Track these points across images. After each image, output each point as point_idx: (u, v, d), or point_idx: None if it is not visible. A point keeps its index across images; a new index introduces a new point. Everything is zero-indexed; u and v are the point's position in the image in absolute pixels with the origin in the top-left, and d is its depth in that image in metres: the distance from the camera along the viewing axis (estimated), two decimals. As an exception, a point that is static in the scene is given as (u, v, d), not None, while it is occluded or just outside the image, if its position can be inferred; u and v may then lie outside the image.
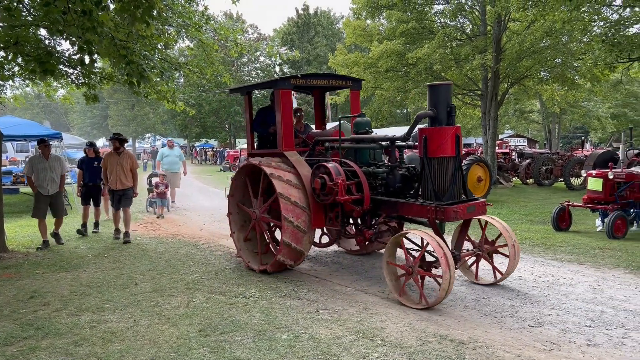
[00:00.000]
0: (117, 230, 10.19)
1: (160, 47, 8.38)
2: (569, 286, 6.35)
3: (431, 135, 5.69)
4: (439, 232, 5.84)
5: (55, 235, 9.72)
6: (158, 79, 9.42)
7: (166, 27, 8.81)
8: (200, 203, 16.50)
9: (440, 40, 18.41)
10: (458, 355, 4.35)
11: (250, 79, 56.22)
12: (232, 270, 7.52)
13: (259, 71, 56.12)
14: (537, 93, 23.64)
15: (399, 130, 22.65)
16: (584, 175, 11.70)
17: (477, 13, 19.86)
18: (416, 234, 5.72)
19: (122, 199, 10.00)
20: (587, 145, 31.11)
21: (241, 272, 7.40)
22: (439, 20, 20.73)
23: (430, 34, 19.56)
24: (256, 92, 41.43)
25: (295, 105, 9.14)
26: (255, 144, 8.23)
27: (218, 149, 50.51)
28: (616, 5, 12.62)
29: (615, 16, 12.78)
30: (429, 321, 5.19)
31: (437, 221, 5.75)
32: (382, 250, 8.08)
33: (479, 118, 23.81)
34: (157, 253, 8.80)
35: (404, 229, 6.99)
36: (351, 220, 7.42)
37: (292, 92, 7.90)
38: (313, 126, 8.94)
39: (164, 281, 6.95)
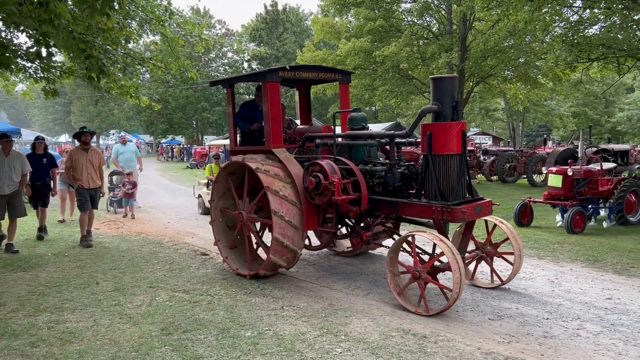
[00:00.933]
0: (88, 233, 9.31)
1: (122, 41, 8.17)
2: (529, 280, 6.51)
3: (436, 131, 5.36)
4: (445, 234, 5.50)
5: (8, 246, 8.82)
6: (120, 74, 9.22)
7: (128, 20, 8.63)
8: (165, 201, 16.26)
9: (407, 39, 18.58)
10: (420, 348, 4.41)
11: (218, 75, 55.70)
12: (197, 268, 7.44)
13: (227, 67, 55.65)
14: (501, 91, 24.14)
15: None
16: (545, 172, 11.99)
17: (443, 12, 20.13)
18: (427, 237, 5.25)
19: (93, 199, 9.36)
20: (550, 143, 31.95)
21: (206, 270, 7.32)
22: (406, 19, 20.93)
23: (397, 32, 19.74)
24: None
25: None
26: (238, 141, 7.73)
27: (185, 146, 49.86)
28: (576, 7, 12.97)
29: (575, 17, 13.15)
30: (392, 316, 5.24)
31: (443, 222, 5.43)
32: (373, 251, 8.14)
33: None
34: (120, 251, 8.63)
35: (400, 229, 6.98)
36: (345, 221, 7.13)
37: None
38: (297, 122, 8.63)
39: (126, 280, 6.82)
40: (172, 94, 49.27)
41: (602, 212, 10.51)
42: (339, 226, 6.75)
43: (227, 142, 13.06)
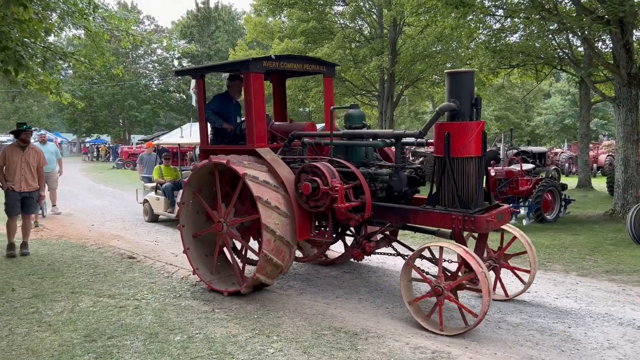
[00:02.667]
0: (24, 244, 8.37)
1: (41, 34, 7.71)
2: (455, 276, 6.76)
3: (455, 131, 4.86)
4: (466, 245, 5.04)
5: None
6: (40, 69, 8.71)
7: (48, 12, 8.17)
8: (89, 202, 15.53)
9: (340, 41, 18.82)
10: (351, 346, 4.47)
11: (147, 71, 53.93)
12: (123, 272, 7.15)
13: (156, 64, 54.00)
14: (429, 95, 24.97)
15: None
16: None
17: (374, 16, 20.55)
18: (454, 250, 4.74)
19: (27, 203, 8.32)
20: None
21: (133, 273, 7.06)
22: (338, 22, 21.19)
23: (330, 35, 19.94)
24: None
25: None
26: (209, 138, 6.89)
27: (111, 145, 47.88)
28: (498, 16, 13.62)
29: (497, 25, 13.80)
30: (324, 315, 5.28)
31: (465, 232, 5.00)
32: (354, 260, 7.45)
33: (376, 118, 24.64)
34: (39, 256, 8.15)
35: (399, 236, 6.56)
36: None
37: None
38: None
39: (45, 286, 6.44)
40: (97, 91, 47.17)
41: (522, 211, 11.12)
42: (335, 235, 6.16)
43: (182, 140, 12.25)
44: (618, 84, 11.25)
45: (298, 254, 7.17)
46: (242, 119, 6.76)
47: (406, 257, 5.46)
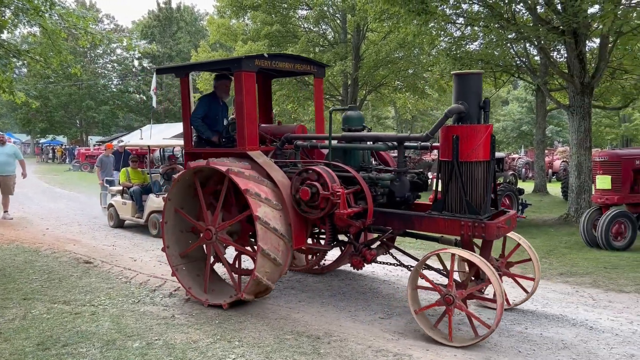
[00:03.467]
0: None
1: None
2: (416, 279, 6.83)
3: (464, 134, 4.70)
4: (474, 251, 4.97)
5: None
6: (-9, 66, 8.39)
7: (1, 8, 7.86)
8: (44, 205, 15.01)
9: (304, 45, 18.85)
10: (314, 350, 4.46)
11: (106, 71, 52.67)
12: (79, 277, 6.93)
13: (115, 64, 52.79)
14: (392, 100, 25.29)
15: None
16: (431, 177, 12.70)
17: (338, 21, 20.69)
18: (465, 257, 4.65)
19: None
20: (435, 151, 33.93)
21: (89, 279, 6.85)
22: (302, 25, 21.23)
23: (294, 38, 19.96)
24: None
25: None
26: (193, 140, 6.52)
27: (67, 147, 46.45)
28: (459, 24, 13.92)
29: (458, 33, 14.11)
30: (287, 319, 5.25)
31: (474, 239, 4.86)
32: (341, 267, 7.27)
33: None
34: (-11, 261, 7.81)
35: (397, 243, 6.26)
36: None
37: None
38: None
39: (-4, 292, 6.18)
40: (53, 91, 45.71)
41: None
42: (333, 243, 5.87)
43: (151, 142, 11.88)
44: (572, 93, 11.67)
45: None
46: (228, 120, 6.55)
47: (410, 267, 5.38)
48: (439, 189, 5.12)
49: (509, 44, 12.85)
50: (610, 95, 16.10)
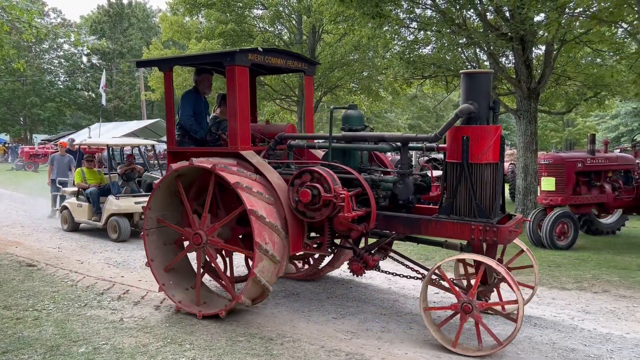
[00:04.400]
0: None
1: None
2: (369, 279, 6.90)
3: (475, 135, 4.57)
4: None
5: None
6: None
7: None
8: (-16, 206, 14.30)
9: (259, 45, 18.71)
10: (266, 351, 4.43)
11: (52, 67, 50.73)
12: (21, 281, 6.64)
13: (62, 60, 50.90)
14: (347, 102, 25.48)
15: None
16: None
17: (293, 22, 20.67)
18: (488, 264, 4.47)
19: None
20: (389, 153, 34.51)
21: (32, 282, 6.57)
22: (258, 25, 21.10)
23: (249, 38, 19.80)
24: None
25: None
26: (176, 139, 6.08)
27: (10, 145, 44.41)
28: (412, 28, 14.17)
29: (411, 37, 14.36)
30: (239, 321, 5.19)
31: (485, 244, 4.74)
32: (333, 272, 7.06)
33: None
34: None
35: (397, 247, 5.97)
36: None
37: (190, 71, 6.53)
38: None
39: None
40: (-5, 86, 43.64)
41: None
42: (332, 249, 5.64)
43: (117, 141, 11.54)
44: (519, 97, 12.08)
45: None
46: (210, 117, 6.34)
47: (418, 277, 5.31)
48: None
49: (460, 49, 13.19)
50: (555, 100, 16.77)
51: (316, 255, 6.63)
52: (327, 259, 6.71)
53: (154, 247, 5.70)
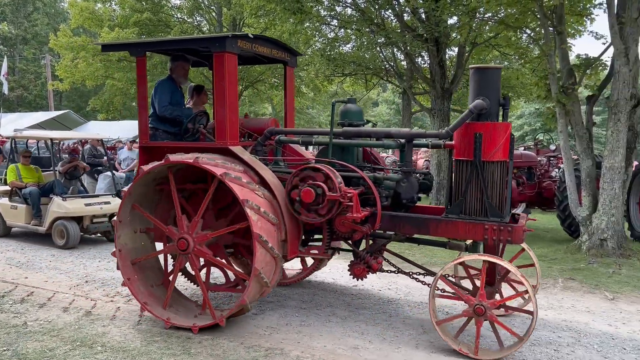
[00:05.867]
0: None
1: None
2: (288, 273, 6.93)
3: (488, 132, 4.41)
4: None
5: None
6: None
7: None
8: None
9: (177, 36, 18.17)
10: (184, 350, 4.33)
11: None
12: None
13: (-43, 44, 46.61)
14: (268, 97, 25.34)
15: (135, 124, 21.52)
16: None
17: (213, 13, 20.24)
18: (501, 264, 4.37)
19: None
20: (311, 148, 34.82)
21: None
22: (176, 15, 20.47)
23: (166, 28, 19.19)
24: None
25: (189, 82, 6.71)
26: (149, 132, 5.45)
27: None
28: (333, 25, 14.37)
29: (332, 34, 14.55)
30: (155, 321, 5.02)
31: (500, 244, 4.55)
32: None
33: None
34: None
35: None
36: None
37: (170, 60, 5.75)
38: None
39: None
40: None
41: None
42: (330, 250, 5.31)
43: (57, 134, 10.24)
44: (433, 97, 12.62)
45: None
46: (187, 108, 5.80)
47: (420, 280, 5.17)
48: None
49: (378, 48, 13.54)
50: (466, 100, 17.67)
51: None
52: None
53: (124, 235, 5.12)
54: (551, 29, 8.53)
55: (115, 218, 5.08)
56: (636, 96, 7.98)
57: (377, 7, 12.66)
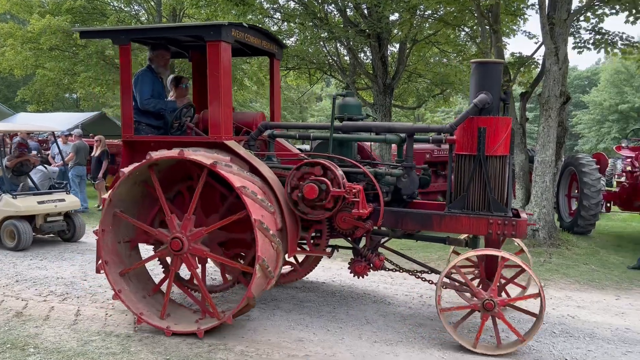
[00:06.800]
0: None
1: None
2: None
3: (491, 127, 4.40)
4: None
5: None
6: None
7: None
8: None
9: (114, 25, 17.49)
10: (123, 349, 4.20)
11: None
12: None
13: None
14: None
15: (69, 117, 20.58)
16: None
17: (152, 2, 19.63)
18: (513, 260, 4.32)
19: None
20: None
21: None
22: (112, 3, 19.71)
23: (102, 17, 18.44)
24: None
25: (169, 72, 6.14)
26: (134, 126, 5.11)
27: None
28: (276, 18, 14.28)
29: (275, 28, 14.46)
30: (93, 319, 4.86)
31: (503, 238, 4.55)
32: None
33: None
34: None
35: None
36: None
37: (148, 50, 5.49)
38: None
39: None
40: None
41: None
42: (330, 249, 5.13)
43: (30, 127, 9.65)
44: (376, 92, 12.81)
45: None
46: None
47: (422, 277, 5.10)
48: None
49: (322, 43, 13.58)
50: (407, 96, 18.07)
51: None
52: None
53: (110, 246, 4.78)
54: (487, 27, 8.85)
55: (97, 228, 4.70)
56: (565, 93, 8.43)
57: (320, 1, 12.69)
